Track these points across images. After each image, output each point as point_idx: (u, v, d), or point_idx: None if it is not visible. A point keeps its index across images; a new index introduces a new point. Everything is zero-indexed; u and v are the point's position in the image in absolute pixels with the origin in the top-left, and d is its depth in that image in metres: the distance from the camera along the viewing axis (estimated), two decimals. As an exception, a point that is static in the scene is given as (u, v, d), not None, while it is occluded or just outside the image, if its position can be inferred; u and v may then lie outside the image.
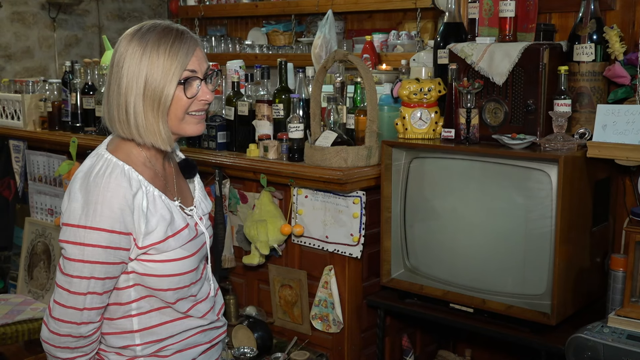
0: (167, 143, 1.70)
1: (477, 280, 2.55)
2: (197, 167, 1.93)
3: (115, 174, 1.63)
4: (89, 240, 1.60)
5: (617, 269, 2.37)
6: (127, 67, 1.65)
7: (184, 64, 1.66)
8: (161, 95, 1.65)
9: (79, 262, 1.61)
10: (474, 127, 2.57)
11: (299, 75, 3.02)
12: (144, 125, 1.66)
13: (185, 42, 1.67)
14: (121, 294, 1.70)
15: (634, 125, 2.32)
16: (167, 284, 1.69)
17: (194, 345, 1.81)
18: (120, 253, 1.63)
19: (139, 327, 1.73)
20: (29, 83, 4.06)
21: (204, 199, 1.91)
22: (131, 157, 1.70)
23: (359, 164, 2.75)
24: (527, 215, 2.41)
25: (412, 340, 3.04)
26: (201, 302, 1.81)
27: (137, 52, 1.64)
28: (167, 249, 1.68)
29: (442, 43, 2.79)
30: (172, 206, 1.73)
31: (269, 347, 2.93)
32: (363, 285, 2.86)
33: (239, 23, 5.09)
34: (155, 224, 1.66)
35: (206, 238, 1.84)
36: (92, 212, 1.60)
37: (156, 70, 1.64)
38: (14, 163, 4.12)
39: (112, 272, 1.64)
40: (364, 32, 4.14)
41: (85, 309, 1.64)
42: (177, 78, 1.65)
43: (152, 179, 1.71)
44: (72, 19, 5.27)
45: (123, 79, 1.65)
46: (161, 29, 1.67)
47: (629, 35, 2.61)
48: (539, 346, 2.38)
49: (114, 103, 1.68)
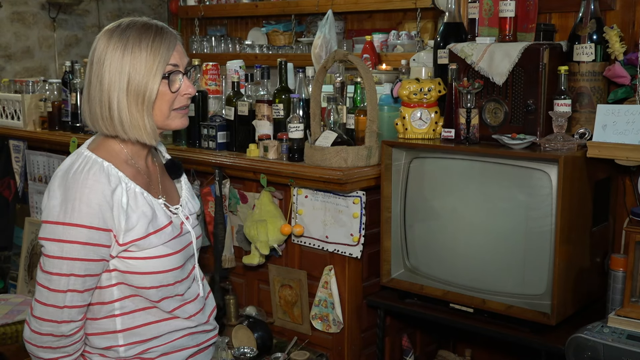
0: (152, 137, 1.70)
1: (477, 280, 2.55)
2: (182, 167, 1.93)
3: (94, 171, 1.63)
4: (67, 236, 1.59)
5: (617, 269, 2.37)
6: (109, 63, 1.64)
7: (166, 59, 1.67)
8: (145, 90, 1.65)
9: (57, 259, 1.60)
10: (474, 127, 2.57)
11: (299, 75, 3.02)
12: (128, 120, 1.66)
13: (166, 37, 1.68)
14: (104, 293, 1.69)
15: (634, 125, 2.32)
16: (150, 281, 1.68)
17: (181, 349, 1.79)
18: (100, 250, 1.62)
19: (122, 327, 1.71)
20: (29, 83, 4.06)
21: (191, 199, 1.90)
22: (112, 154, 1.70)
23: (359, 164, 2.75)
24: (527, 215, 2.41)
25: (412, 340, 3.04)
26: (189, 303, 1.79)
27: (119, 49, 1.64)
28: (148, 246, 1.67)
29: (442, 43, 2.79)
30: (154, 203, 1.72)
31: (269, 347, 2.93)
32: (363, 285, 2.86)
33: (239, 23, 5.09)
34: (136, 221, 1.65)
35: (192, 237, 1.83)
36: (71, 208, 1.59)
37: (139, 66, 1.64)
38: (14, 163, 4.12)
39: (92, 270, 1.63)
40: (364, 32, 4.14)
41: (65, 307, 1.62)
42: (160, 73, 1.66)
43: (134, 176, 1.71)
44: (72, 19, 5.27)
45: (105, 76, 1.65)
46: (140, 24, 1.68)
47: (629, 35, 2.61)
48: (539, 346, 2.38)
49: (96, 100, 1.68)
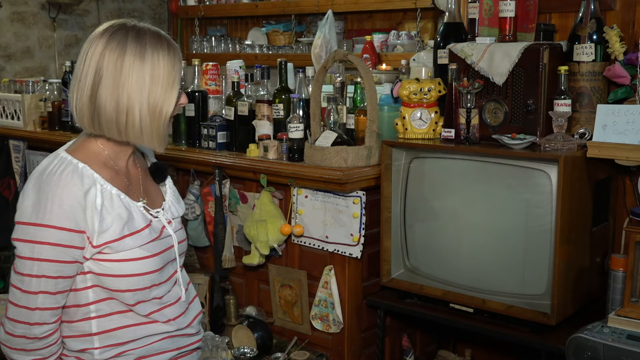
0: (163, 146, 1.71)
1: (477, 280, 2.54)
2: (167, 171, 1.92)
3: (67, 172, 1.62)
4: (38, 237, 1.58)
5: (617, 269, 2.37)
6: (128, 72, 1.62)
7: (180, 73, 1.69)
8: (163, 105, 1.66)
9: (29, 260, 1.59)
10: (474, 127, 2.57)
11: (299, 75, 3.02)
12: (148, 129, 1.66)
13: (177, 51, 1.70)
14: (79, 295, 1.67)
15: (634, 125, 2.32)
16: (126, 284, 1.67)
17: (159, 352, 1.77)
18: (73, 252, 1.61)
19: (98, 330, 1.69)
20: (29, 83, 4.06)
21: (176, 203, 1.89)
22: (90, 156, 1.69)
23: (359, 164, 2.75)
24: (527, 215, 2.41)
25: (412, 340, 3.04)
26: (169, 307, 1.78)
27: (137, 56, 1.63)
28: (123, 248, 1.66)
29: (442, 43, 2.79)
30: (131, 205, 1.71)
31: (269, 347, 2.93)
32: (363, 285, 2.86)
33: (239, 23, 5.09)
34: (110, 222, 1.64)
35: (174, 241, 1.81)
36: (42, 209, 1.58)
37: (159, 79, 1.64)
38: (14, 163, 4.12)
39: (65, 272, 1.62)
40: (364, 32, 4.13)
41: (37, 309, 1.61)
42: (177, 88, 1.68)
43: (112, 179, 1.69)
44: (72, 19, 5.27)
45: (125, 83, 1.62)
46: (152, 33, 1.67)
47: (629, 35, 2.61)
48: (539, 346, 2.38)
49: (111, 105, 1.63)
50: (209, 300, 3.15)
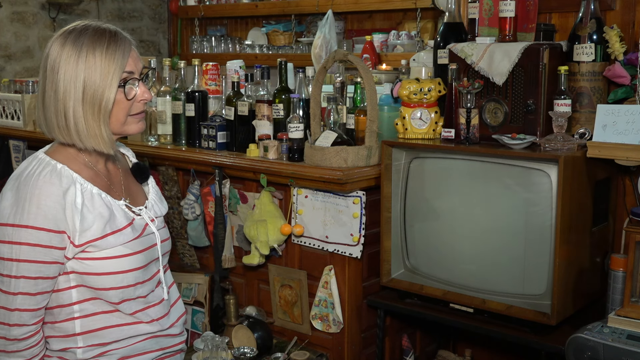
0: (110, 146, 1.69)
1: (477, 280, 2.54)
2: (149, 171, 1.93)
3: (46, 172, 1.62)
4: (17, 238, 1.58)
5: (617, 269, 2.37)
6: (64, 72, 1.62)
7: (122, 66, 1.65)
8: (102, 100, 1.63)
9: (8, 261, 1.60)
10: (474, 127, 2.57)
11: (299, 75, 3.02)
12: (85, 129, 1.64)
13: (121, 43, 1.66)
14: (62, 295, 1.68)
15: (634, 125, 2.32)
16: (110, 282, 1.67)
17: (143, 352, 1.78)
18: (53, 252, 1.61)
19: (82, 330, 1.70)
20: (29, 83, 4.06)
21: (159, 202, 1.90)
22: (69, 158, 1.69)
23: (359, 164, 2.75)
24: (527, 215, 2.41)
25: (412, 340, 3.04)
26: (152, 307, 1.78)
27: (73, 56, 1.62)
28: (106, 246, 1.66)
29: (442, 43, 2.79)
30: (113, 204, 1.71)
31: (269, 347, 2.93)
32: (363, 285, 2.86)
33: (239, 23, 5.09)
34: (92, 221, 1.64)
35: (157, 240, 1.81)
36: (21, 210, 1.59)
37: (94, 74, 1.62)
38: (13, 163, 4.12)
39: (45, 272, 1.62)
40: (364, 32, 4.14)
41: (16, 310, 1.61)
42: (117, 81, 1.64)
43: (92, 178, 1.70)
44: (72, 19, 5.27)
45: (60, 84, 1.62)
46: (93, 29, 1.65)
47: (629, 35, 2.61)
48: (539, 346, 2.38)
49: (51, 109, 1.65)
50: (209, 300, 3.15)
